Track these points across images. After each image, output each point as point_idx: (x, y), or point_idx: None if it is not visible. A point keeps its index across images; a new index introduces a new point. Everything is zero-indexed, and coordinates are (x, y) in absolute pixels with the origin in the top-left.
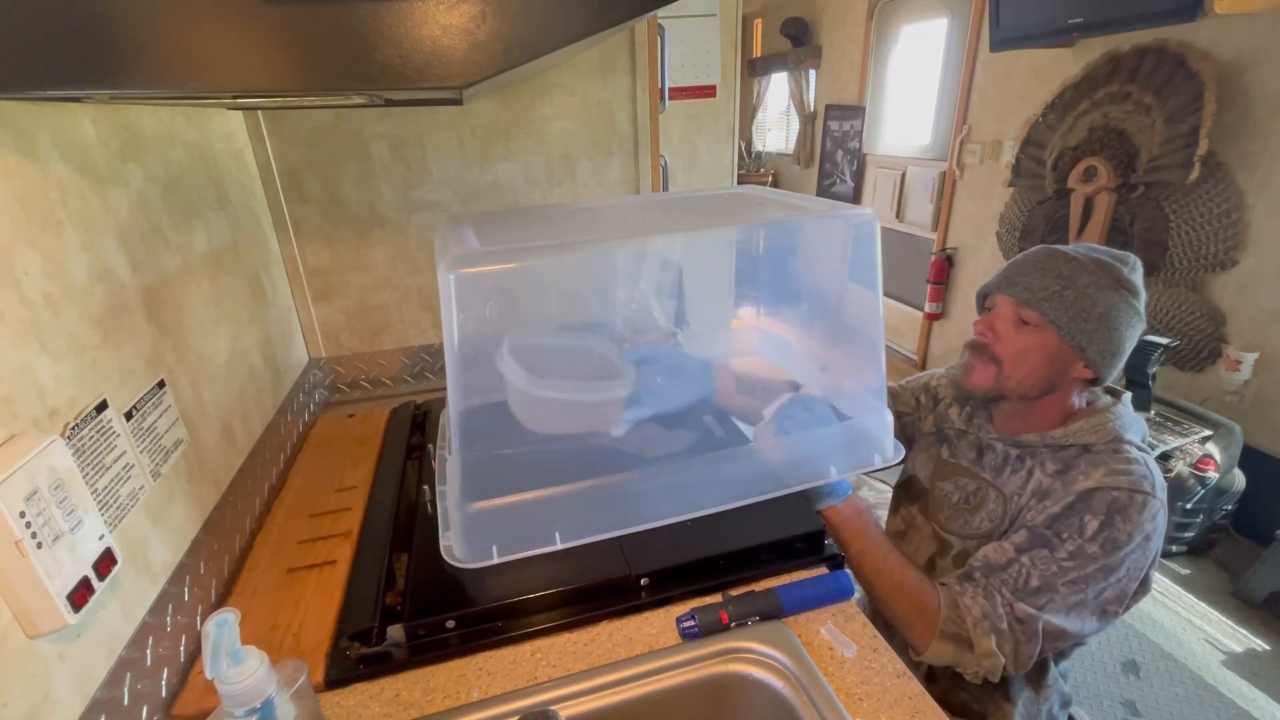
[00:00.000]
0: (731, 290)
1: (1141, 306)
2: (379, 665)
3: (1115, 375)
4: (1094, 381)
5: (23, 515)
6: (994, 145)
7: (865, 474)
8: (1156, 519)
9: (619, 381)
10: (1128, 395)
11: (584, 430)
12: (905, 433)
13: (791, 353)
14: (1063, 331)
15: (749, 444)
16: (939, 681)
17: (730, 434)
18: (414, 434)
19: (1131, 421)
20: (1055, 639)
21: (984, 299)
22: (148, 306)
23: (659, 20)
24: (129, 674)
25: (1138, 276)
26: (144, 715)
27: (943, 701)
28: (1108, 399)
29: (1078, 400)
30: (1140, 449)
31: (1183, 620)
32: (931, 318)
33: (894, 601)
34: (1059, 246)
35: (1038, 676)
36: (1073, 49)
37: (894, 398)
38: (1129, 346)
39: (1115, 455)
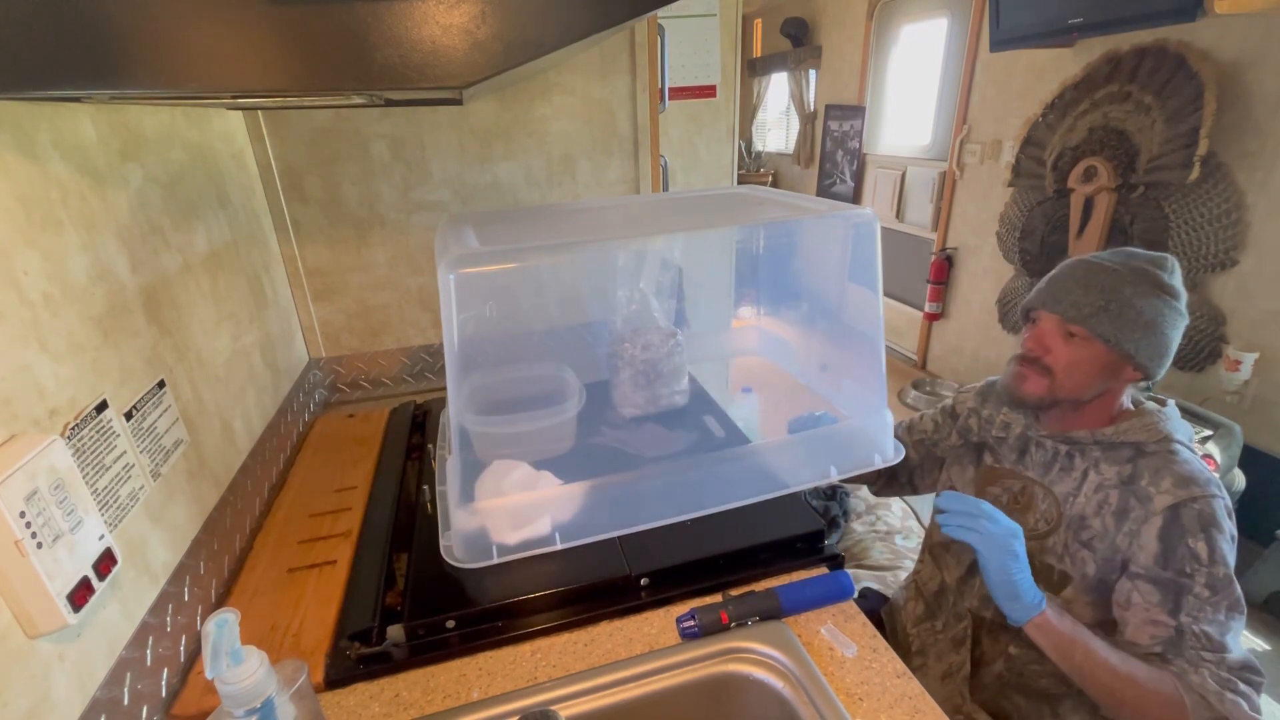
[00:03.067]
0: (731, 290)
1: (1183, 306)
2: (379, 665)
3: (1165, 372)
4: (1144, 379)
5: (23, 515)
6: (994, 145)
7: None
8: (1230, 515)
9: (570, 402)
10: (1173, 403)
11: (543, 455)
12: (932, 454)
13: (791, 353)
14: (1111, 343)
15: (749, 444)
16: (987, 688)
17: (730, 434)
18: (414, 434)
19: (1179, 425)
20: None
21: (1027, 312)
22: (148, 306)
23: (659, 20)
24: (129, 674)
25: (1177, 279)
26: (144, 715)
27: (985, 707)
28: (1154, 405)
29: (1126, 400)
30: (1189, 449)
31: None
32: (931, 318)
33: (1142, 706)
34: (1096, 258)
35: (1095, 705)
36: (1073, 49)
37: (909, 429)
38: (1175, 346)
39: (1172, 456)
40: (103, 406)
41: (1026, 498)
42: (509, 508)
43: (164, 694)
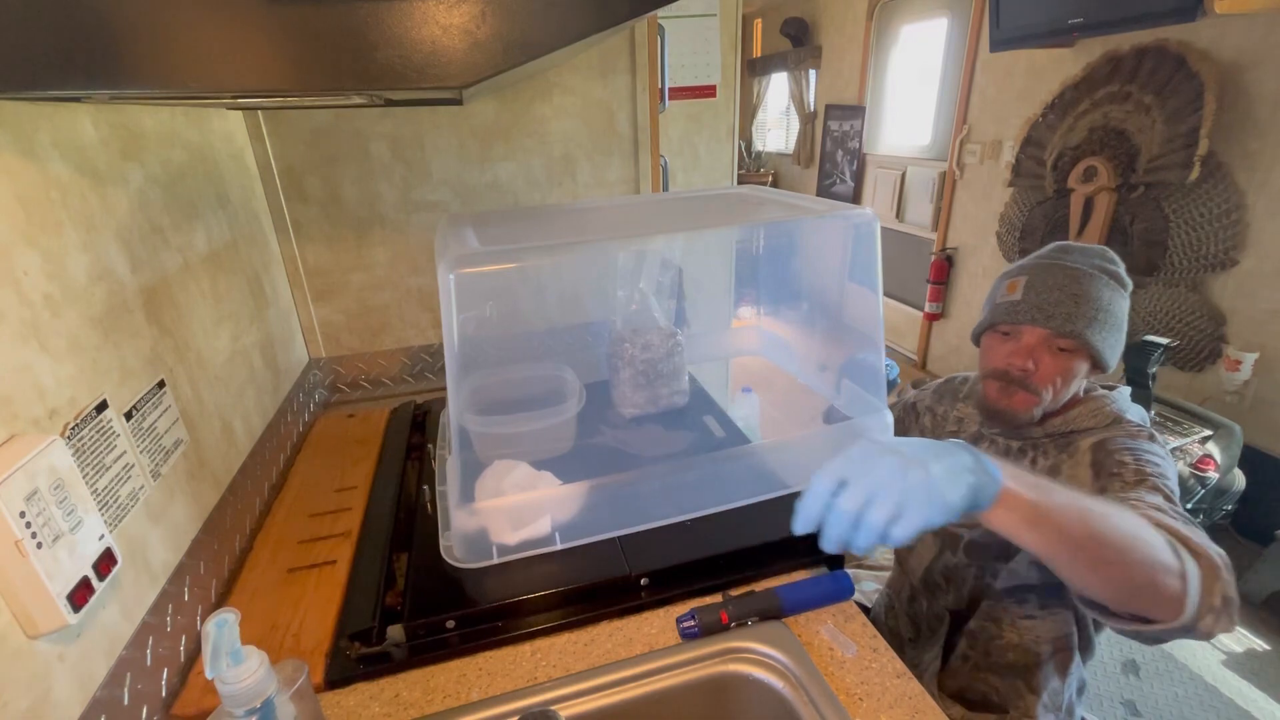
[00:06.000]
0: (731, 290)
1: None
2: (379, 665)
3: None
4: (1102, 372)
5: (23, 515)
6: (994, 145)
7: None
8: (1167, 458)
9: (570, 402)
10: (1124, 388)
11: (543, 455)
12: None
13: (791, 353)
14: (1096, 352)
15: (749, 444)
16: (957, 674)
17: (730, 434)
18: (414, 434)
19: (1127, 407)
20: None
21: (994, 326)
22: (148, 306)
23: (659, 20)
24: (129, 674)
25: (1123, 268)
26: (144, 715)
27: (961, 695)
28: (1102, 390)
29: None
30: (1139, 426)
31: None
32: (931, 318)
33: (1117, 588)
34: (1070, 264)
35: (1064, 664)
36: (1073, 49)
37: None
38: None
39: (1114, 427)
40: (103, 406)
41: None
42: (509, 508)
43: (164, 694)
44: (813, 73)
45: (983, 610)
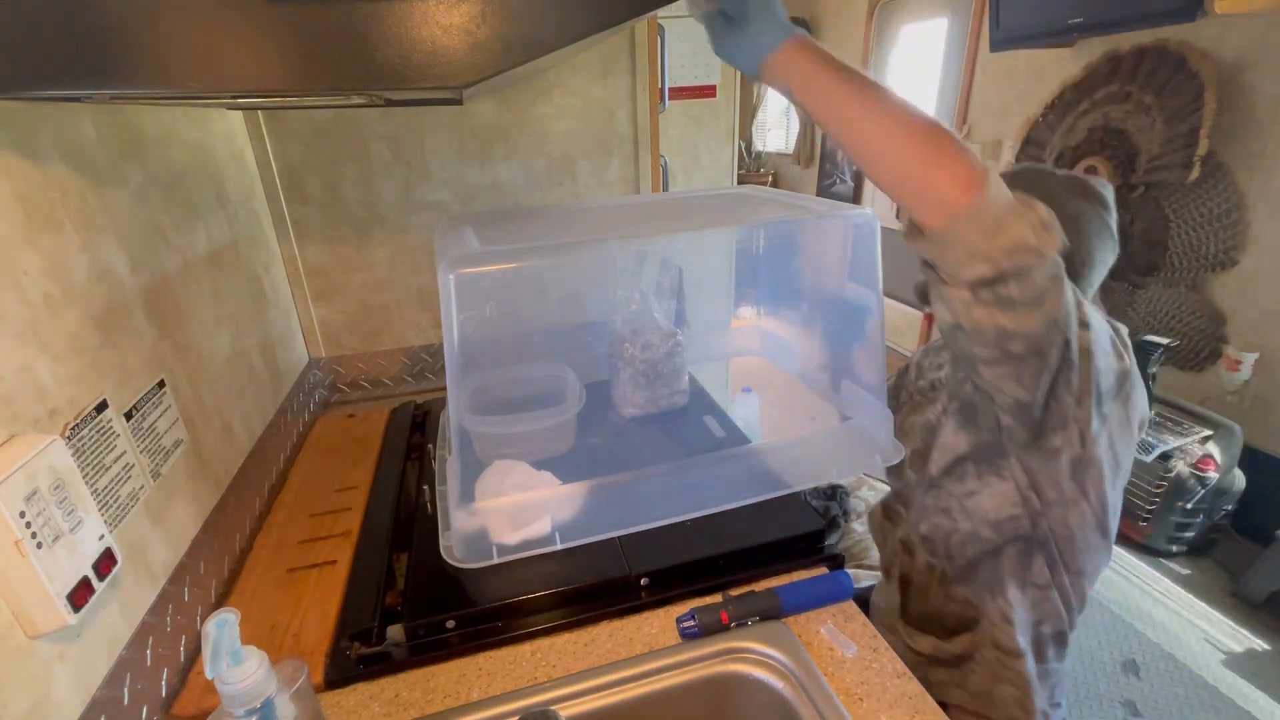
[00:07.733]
0: (732, 290)
1: (1113, 223)
2: (379, 665)
3: (1087, 289)
4: None
5: (22, 515)
6: (994, 145)
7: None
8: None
9: (570, 402)
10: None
11: (543, 455)
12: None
13: (791, 353)
14: None
15: (749, 444)
16: (926, 597)
17: (730, 434)
18: (414, 434)
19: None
20: None
21: None
22: (148, 306)
23: (659, 20)
24: (129, 674)
25: (1109, 194)
26: (144, 715)
27: (930, 622)
28: None
29: None
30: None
31: (1183, 620)
32: (931, 318)
33: (905, 148)
34: (1043, 167)
35: (1024, 562)
36: (1073, 49)
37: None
38: (1099, 259)
39: None
40: (103, 406)
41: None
42: (509, 508)
43: (164, 694)
44: None
45: (930, 505)
